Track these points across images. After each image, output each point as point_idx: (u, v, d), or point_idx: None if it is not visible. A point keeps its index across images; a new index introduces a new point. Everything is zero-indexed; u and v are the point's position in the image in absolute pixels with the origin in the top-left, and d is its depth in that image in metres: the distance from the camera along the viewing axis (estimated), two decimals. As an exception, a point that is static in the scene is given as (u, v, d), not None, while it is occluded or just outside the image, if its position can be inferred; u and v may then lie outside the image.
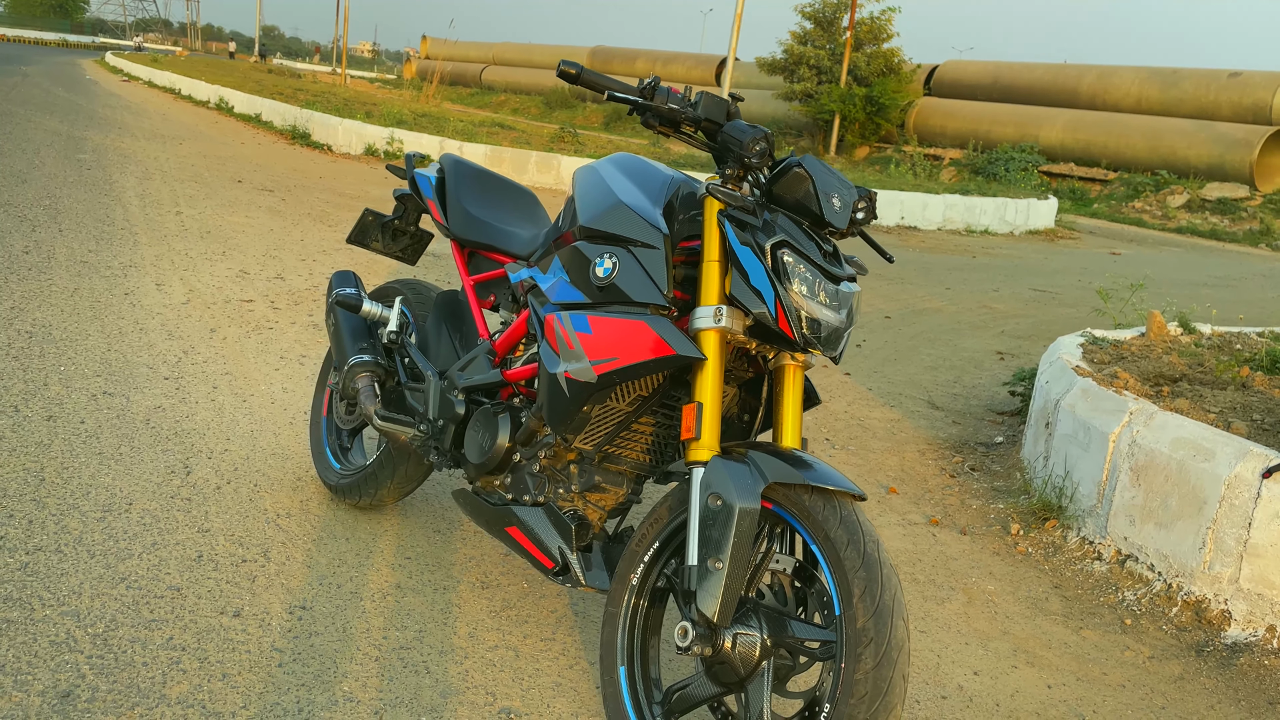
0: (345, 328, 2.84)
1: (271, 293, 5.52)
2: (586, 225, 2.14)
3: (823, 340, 1.93)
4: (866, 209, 2.11)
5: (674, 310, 2.05)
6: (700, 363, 1.93)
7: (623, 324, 1.98)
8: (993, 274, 10.41)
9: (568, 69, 2.00)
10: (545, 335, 2.13)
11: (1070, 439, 3.51)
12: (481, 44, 52.03)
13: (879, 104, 26.60)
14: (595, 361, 1.99)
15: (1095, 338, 4.37)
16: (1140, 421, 3.23)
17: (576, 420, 2.07)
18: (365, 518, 2.96)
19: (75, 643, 2.13)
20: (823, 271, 1.95)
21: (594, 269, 2.08)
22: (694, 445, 1.90)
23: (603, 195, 2.17)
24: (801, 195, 1.95)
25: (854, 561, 1.71)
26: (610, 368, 1.97)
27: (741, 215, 1.95)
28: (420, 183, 2.86)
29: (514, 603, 2.59)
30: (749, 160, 1.95)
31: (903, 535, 3.37)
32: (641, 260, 2.03)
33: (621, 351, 1.97)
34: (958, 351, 6.41)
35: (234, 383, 3.96)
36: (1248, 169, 23.53)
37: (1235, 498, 2.87)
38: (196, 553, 2.60)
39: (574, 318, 2.06)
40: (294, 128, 15.79)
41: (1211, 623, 2.90)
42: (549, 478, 2.25)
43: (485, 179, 2.83)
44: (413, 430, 2.56)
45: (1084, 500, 3.39)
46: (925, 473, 4.02)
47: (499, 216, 2.71)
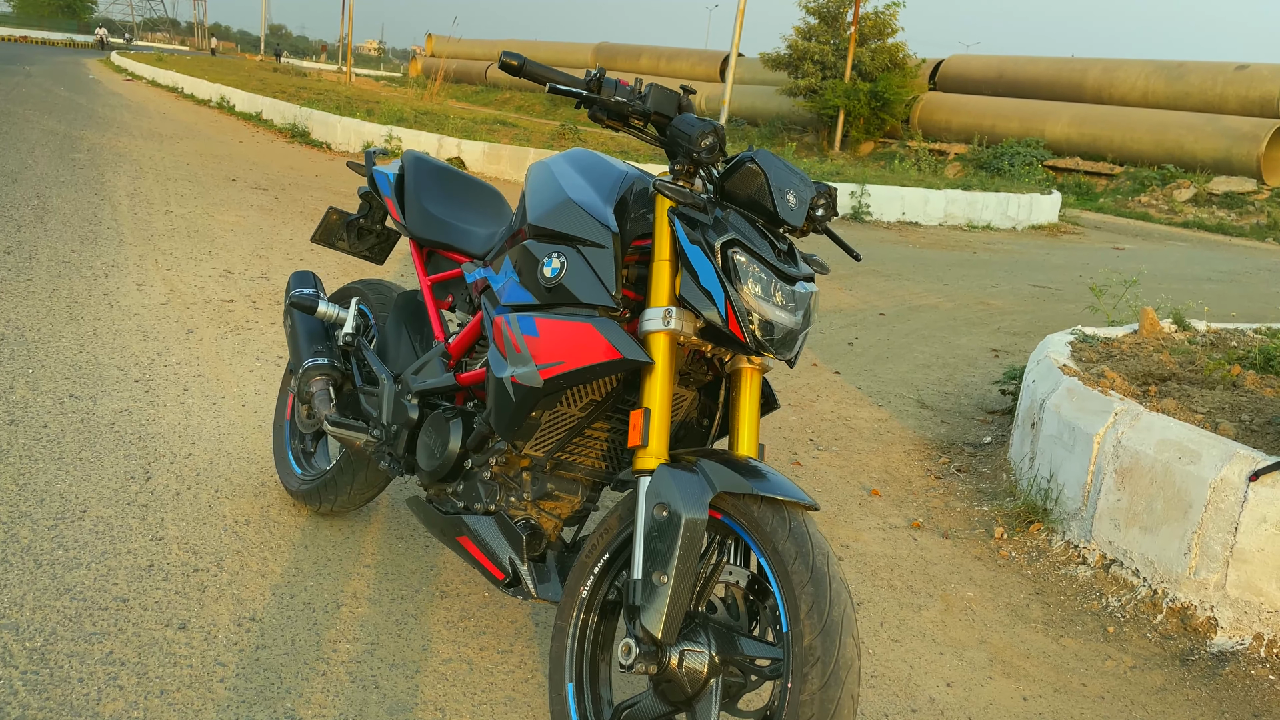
0: (301, 330, 2.77)
1: (254, 293, 5.46)
2: (535, 224, 2.07)
3: (776, 343, 1.85)
4: (826, 205, 2.03)
5: (625, 311, 1.98)
6: (648, 367, 1.85)
7: (569, 327, 1.90)
8: (992, 270, 10.30)
9: (510, 61, 1.93)
10: (494, 338, 2.05)
11: (1055, 440, 3.42)
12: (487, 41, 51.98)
13: (883, 99, 26.45)
14: (541, 365, 1.92)
15: (1085, 335, 4.27)
16: (1125, 422, 3.14)
17: (525, 427, 1.99)
18: (326, 524, 2.89)
19: (11, 657, 2.07)
20: (777, 272, 1.87)
21: (542, 269, 2.01)
22: (641, 453, 1.82)
23: (552, 193, 2.09)
24: (754, 191, 1.87)
25: (802, 576, 1.63)
26: (556, 372, 1.90)
27: (692, 213, 1.87)
28: (378, 180, 2.79)
29: (473, 613, 2.51)
30: (697, 155, 1.87)
31: (882, 539, 3.29)
32: (590, 260, 1.96)
33: (568, 355, 1.89)
34: (952, 349, 6.32)
35: (206, 385, 3.90)
36: (1255, 162, 23.34)
37: (1221, 501, 2.79)
38: (148, 562, 2.53)
39: (521, 320, 1.99)
40: (293, 126, 15.75)
41: (1197, 630, 2.81)
42: (501, 485, 2.17)
43: (446, 176, 2.75)
44: (365, 436, 2.48)
45: (1069, 503, 3.31)
46: (910, 474, 3.93)
47: (458, 215, 2.63)
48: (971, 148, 26.15)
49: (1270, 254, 16.62)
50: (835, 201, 2.04)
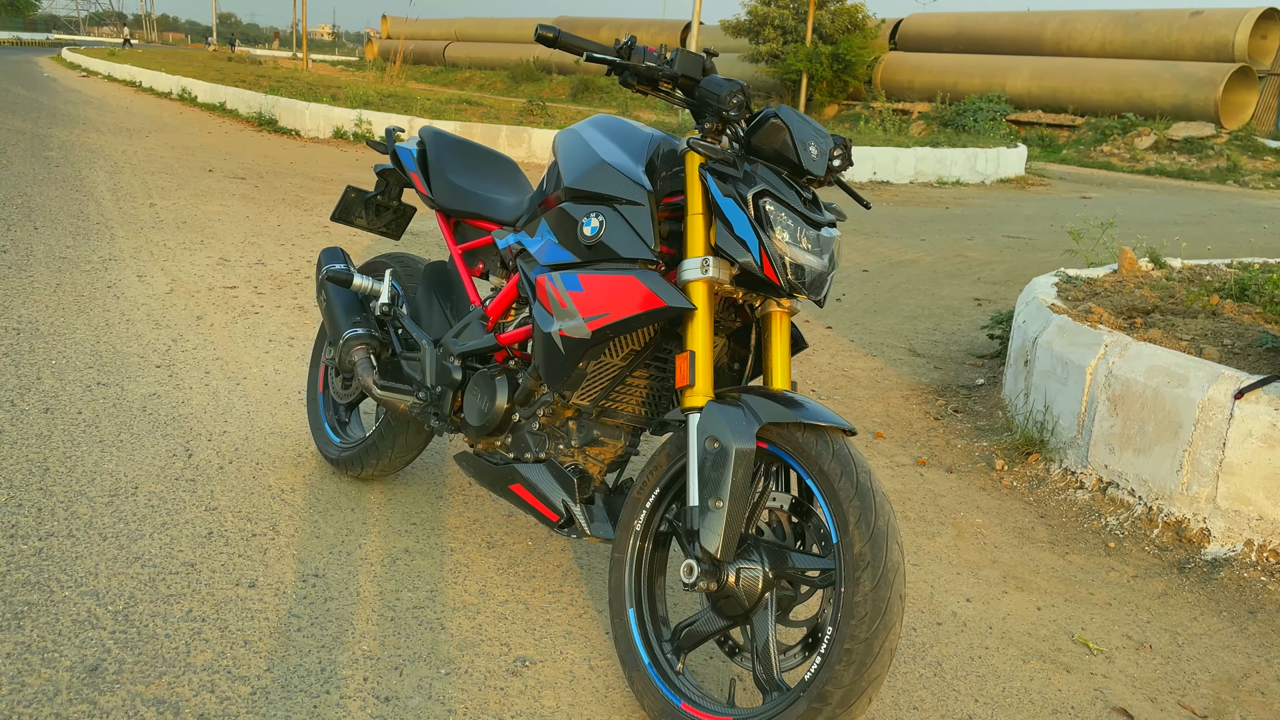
0: (338, 303, 2.89)
1: (254, 278, 5.54)
2: (571, 186, 2.20)
3: (808, 285, 2.00)
4: (843, 156, 2.17)
5: (661, 265, 2.11)
6: (690, 313, 1.99)
7: (613, 280, 2.04)
8: (966, 224, 10.50)
9: (545, 33, 2.05)
10: (537, 296, 2.19)
11: (1049, 374, 3.60)
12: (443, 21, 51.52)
13: (845, 61, 26.59)
14: (589, 318, 2.05)
15: (1069, 277, 4.46)
16: (1115, 353, 3.32)
17: (573, 377, 2.14)
18: (369, 488, 3.02)
19: (97, 620, 2.19)
20: (804, 218, 2.01)
21: (581, 229, 2.14)
22: (689, 393, 1.97)
23: (586, 156, 2.22)
24: (779, 145, 2.01)
25: (848, 492, 1.79)
26: (604, 323, 2.04)
27: (722, 168, 2.01)
28: (402, 156, 2.90)
29: (520, 560, 2.66)
30: (727, 113, 2.01)
31: (891, 476, 3.47)
32: (627, 217, 2.09)
33: (613, 306, 2.03)
34: (936, 300, 6.50)
35: (225, 367, 4.00)
36: (1213, 107, 23.71)
37: (1209, 420, 2.98)
38: (206, 530, 2.66)
39: (565, 277, 2.12)
40: (260, 114, 15.66)
41: (1192, 541, 3.01)
42: (548, 435, 2.32)
43: (465, 149, 2.87)
44: (411, 398, 2.61)
45: (1064, 433, 3.50)
46: (910, 417, 4.11)
47: (482, 185, 2.75)
48: (935, 105, 26.36)
49: (1231, 196, 16.96)
50: (850, 152, 2.19)
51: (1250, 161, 22.12)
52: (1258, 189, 19.37)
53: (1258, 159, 22.47)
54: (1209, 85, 23.78)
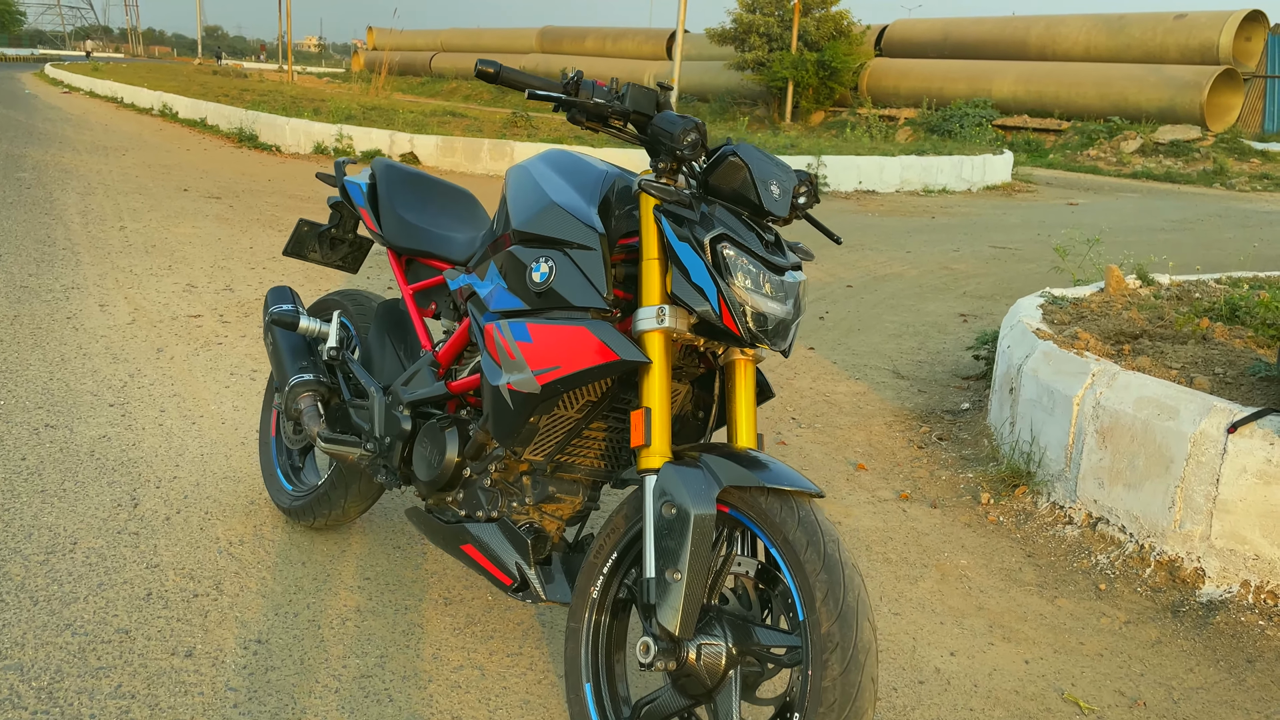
0: (284, 346, 2.74)
1: (220, 306, 5.39)
2: (520, 229, 2.06)
3: (770, 333, 1.87)
4: (808, 193, 2.05)
5: (616, 311, 1.98)
6: (645, 366, 1.86)
7: (563, 331, 1.91)
8: (952, 234, 10.40)
9: (485, 68, 1.92)
10: (486, 346, 2.05)
11: (1035, 403, 3.48)
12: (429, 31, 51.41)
13: (831, 68, 26.52)
14: (538, 371, 1.92)
15: (1055, 297, 4.34)
16: (1103, 383, 3.19)
17: (524, 432, 2.00)
18: (322, 539, 2.87)
19: (19, 698, 2.05)
20: (765, 263, 1.88)
21: (530, 274, 2.00)
22: (645, 452, 1.83)
23: (535, 196, 2.09)
24: (739, 185, 1.88)
25: (815, 565, 1.65)
26: (554, 377, 1.90)
27: (678, 210, 1.88)
28: (351, 191, 2.76)
29: (478, 618, 2.52)
30: (681, 152, 1.88)
31: (873, 513, 3.33)
32: (578, 262, 1.96)
33: (564, 359, 1.89)
34: (921, 316, 6.38)
35: (182, 404, 3.85)
36: (1198, 110, 23.70)
37: (1202, 455, 2.85)
38: (145, 591, 2.51)
39: (513, 326, 1.99)
40: (240, 130, 15.51)
41: (1186, 581, 2.88)
42: (501, 491, 2.17)
43: (419, 182, 2.73)
44: (359, 450, 2.47)
45: (1052, 465, 3.37)
46: (893, 446, 3.98)
47: (435, 220, 2.61)
48: (921, 111, 26.30)
49: (1218, 199, 16.91)
50: (817, 188, 2.06)
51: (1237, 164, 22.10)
52: (1244, 191, 19.34)
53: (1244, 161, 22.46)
54: (1194, 88, 23.77)
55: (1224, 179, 20.72)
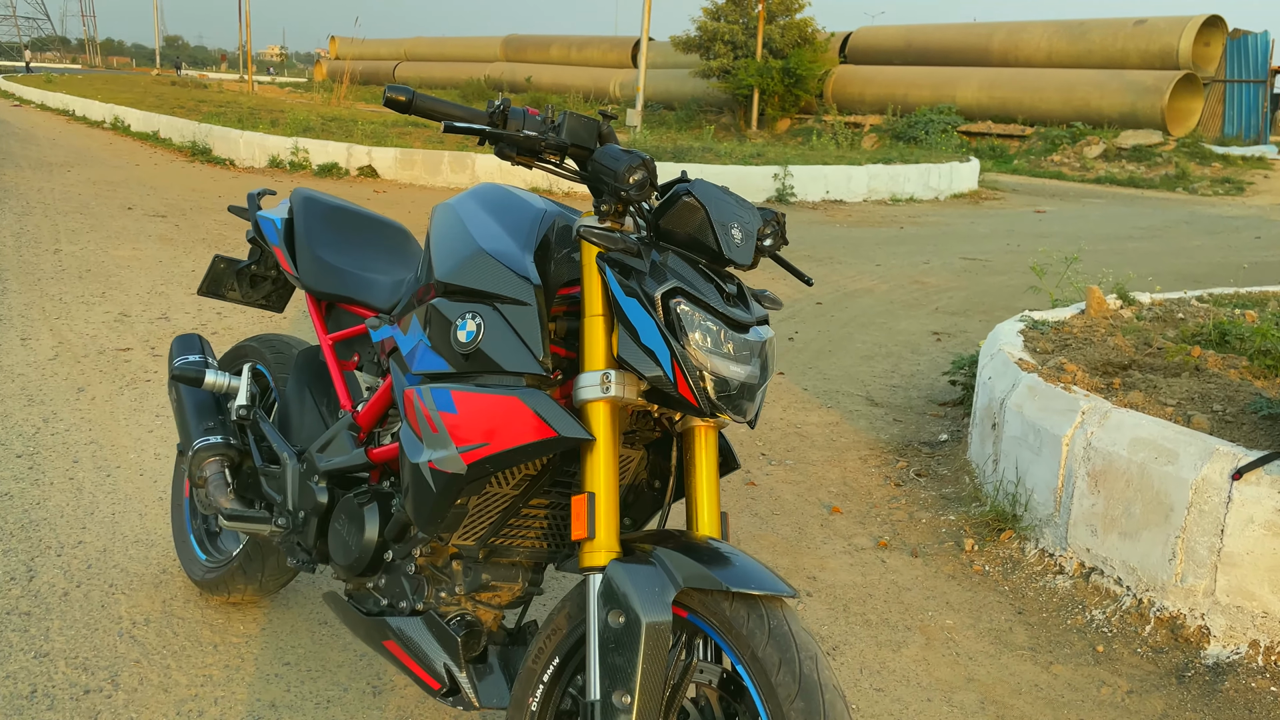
0: (189, 404, 2.44)
1: (153, 337, 5.06)
2: (444, 280, 1.79)
3: (732, 401, 1.61)
4: (774, 234, 1.79)
5: (557, 374, 1.71)
6: (588, 444, 1.59)
7: (493, 401, 1.63)
8: (921, 245, 10.22)
9: (396, 96, 1.64)
10: (405, 414, 1.77)
11: (1020, 442, 3.24)
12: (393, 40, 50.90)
13: (796, 75, 26.43)
14: (464, 448, 1.64)
15: (1035, 321, 4.12)
16: (1094, 421, 2.96)
17: (449, 517, 1.72)
18: (238, 614, 2.58)
19: None
20: (726, 320, 1.62)
21: (455, 333, 1.73)
22: (588, 547, 1.56)
23: (460, 242, 1.81)
24: (695, 229, 1.62)
25: (788, 688, 1.39)
26: (482, 455, 1.63)
27: (625, 259, 1.62)
28: (264, 227, 2.47)
29: (411, 710, 2.23)
30: (626, 193, 1.61)
31: (850, 565, 3.08)
32: (511, 320, 1.68)
33: (494, 435, 1.62)
34: (893, 335, 6.16)
35: (98, 453, 3.53)
36: (1160, 115, 23.83)
37: (1204, 503, 2.62)
38: (30, 687, 2.20)
39: (436, 393, 1.71)
40: (194, 143, 15.09)
41: (1189, 641, 2.65)
42: (428, 579, 1.89)
43: (342, 216, 2.45)
44: (269, 526, 2.18)
45: (1039, 508, 3.13)
46: (869, 484, 3.73)
47: (359, 260, 2.33)
48: (886, 118, 26.26)
49: (1182, 204, 16.93)
50: (784, 228, 1.80)
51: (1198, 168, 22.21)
52: (1206, 195, 19.42)
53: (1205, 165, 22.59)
54: (1155, 93, 23.91)
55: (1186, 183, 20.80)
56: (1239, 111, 27.10)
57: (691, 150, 14.99)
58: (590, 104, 30.04)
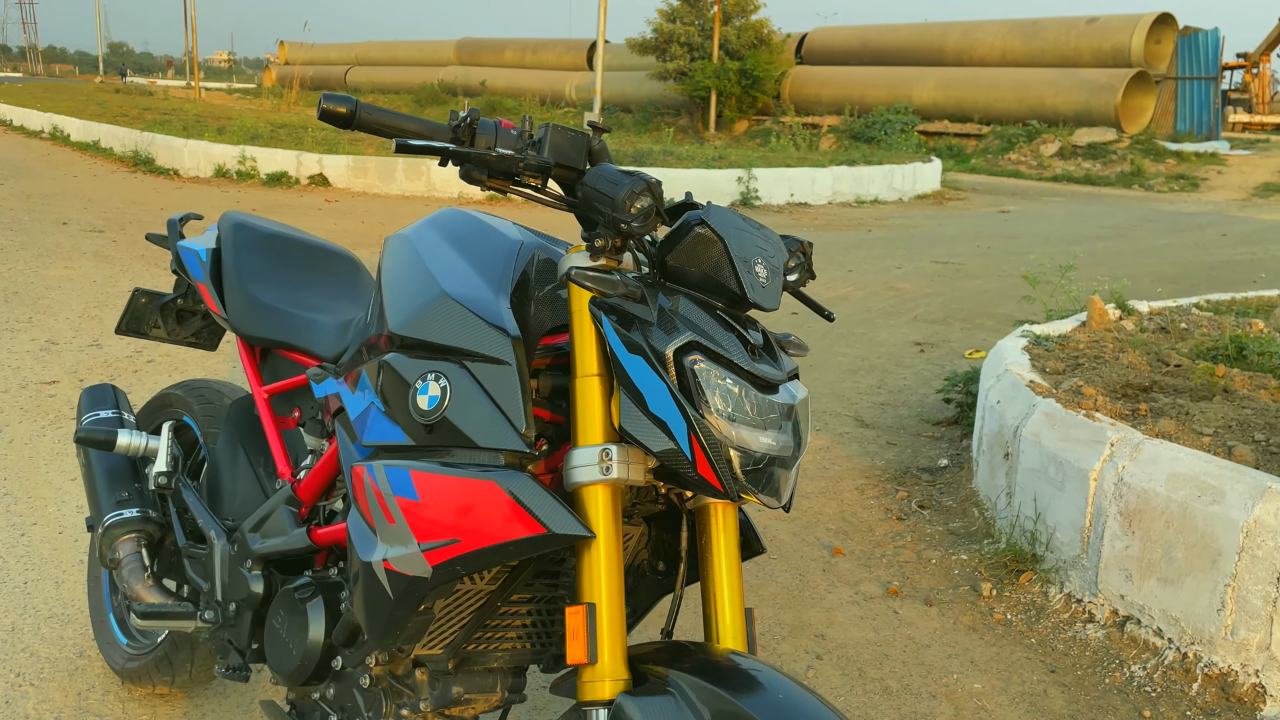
0: (99, 471, 2.08)
1: (82, 367, 4.64)
2: (399, 333, 1.45)
3: (763, 479, 1.30)
4: (800, 267, 1.49)
5: (541, 444, 1.39)
6: (586, 542, 1.27)
7: (464, 486, 1.31)
8: (891, 248, 10.00)
9: (335, 108, 1.31)
10: (355, 497, 1.44)
11: (1039, 474, 2.97)
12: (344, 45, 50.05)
13: (753, 76, 26.27)
14: (428, 545, 1.32)
15: (1037, 337, 3.86)
16: (1124, 454, 2.69)
17: (410, 627, 1.39)
18: (165, 707, 2.22)
19: None
20: (751, 379, 1.31)
21: (414, 397, 1.40)
22: (588, 674, 1.24)
23: (420, 284, 1.48)
24: (711, 266, 1.31)
25: None
26: (450, 554, 1.30)
27: (625, 305, 1.30)
28: (186, 259, 2.12)
29: (370, 829, 1.89)
30: (627, 225, 1.29)
31: (860, 617, 2.78)
32: (483, 381, 1.36)
33: (466, 530, 1.29)
34: (874, 347, 5.89)
35: (13, 507, 3.14)
36: (1113, 112, 23.98)
37: (1257, 547, 2.36)
38: (-93, 819, 1.83)
39: (392, 473, 1.38)
40: (135, 153, 14.51)
41: (1243, 701, 2.38)
42: (386, 692, 1.55)
43: (280, 245, 2.10)
44: (194, 620, 1.83)
45: (1064, 548, 2.86)
46: (870, 519, 3.44)
47: (299, 298, 1.99)
48: (844, 119, 26.17)
49: (1140, 202, 16.94)
50: (810, 259, 1.50)
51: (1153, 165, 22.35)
52: (1162, 192, 19.49)
53: (1159, 162, 22.74)
54: (1108, 91, 24.06)
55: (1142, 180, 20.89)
56: (1191, 108, 27.39)
57: (652, 154, 14.69)
58: (546, 107, 29.61)
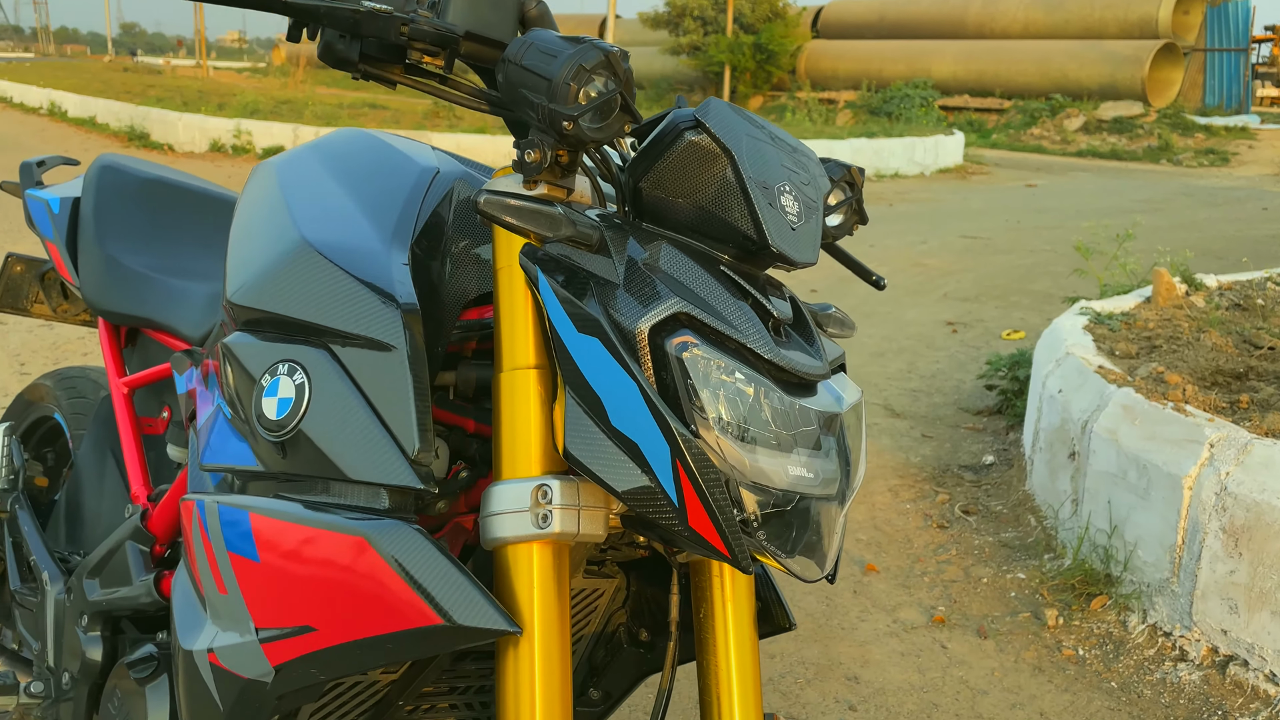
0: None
1: (26, 349, 4.20)
2: (239, 301, 0.98)
3: (793, 534, 0.83)
4: (847, 206, 1.01)
5: (456, 469, 0.92)
6: (511, 641, 0.80)
7: (320, 542, 0.83)
8: (916, 223, 9.47)
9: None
10: (185, 546, 0.97)
11: (1115, 479, 2.47)
12: (351, 23, 49.55)
13: (768, 51, 25.67)
14: (268, 635, 0.84)
15: (1098, 314, 3.35)
16: (1228, 457, 2.20)
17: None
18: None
19: None
20: (775, 372, 0.83)
21: (259, 400, 0.92)
22: None
23: (274, 230, 1.00)
24: (711, 196, 0.83)
25: None
26: (301, 651, 0.83)
27: (574, 257, 0.82)
28: (35, 213, 1.66)
29: None
30: (572, 125, 0.81)
31: (901, 653, 2.30)
32: (358, 377, 0.88)
33: (323, 614, 0.82)
34: (903, 328, 5.39)
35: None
36: (1140, 85, 23.28)
37: None
38: None
39: (227, 516, 0.91)
40: (131, 128, 14.09)
41: (1389, 769, 1.90)
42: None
43: (159, 194, 1.63)
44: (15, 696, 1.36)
45: (1148, 570, 2.37)
46: (907, 527, 2.96)
47: (173, 262, 1.51)
48: (861, 94, 25.51)
49: (1171, 176, 16.34)
50: (861, 193, 1.02)
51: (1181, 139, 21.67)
52: (1191, 167, 18.85)
53: (1188, 136, 22.06)
54: (1135, 63, 23.35)
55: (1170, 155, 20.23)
56: (1220, 81, 26.60)
57: (663, 127, 14.15)
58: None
